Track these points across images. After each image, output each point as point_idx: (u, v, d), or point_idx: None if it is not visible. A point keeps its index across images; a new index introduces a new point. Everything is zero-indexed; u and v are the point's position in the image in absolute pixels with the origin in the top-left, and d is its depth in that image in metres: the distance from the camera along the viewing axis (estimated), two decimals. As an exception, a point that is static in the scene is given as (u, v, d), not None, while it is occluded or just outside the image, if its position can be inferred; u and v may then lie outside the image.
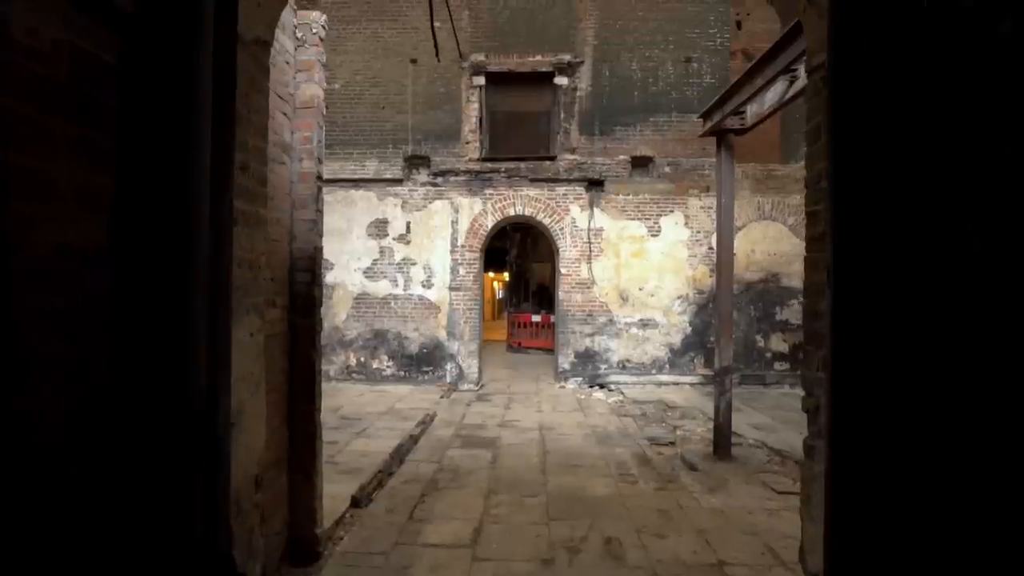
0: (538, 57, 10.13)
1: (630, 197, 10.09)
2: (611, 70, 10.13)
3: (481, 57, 10.09)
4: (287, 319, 3.73)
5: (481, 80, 10.14)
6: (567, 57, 10.09)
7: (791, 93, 4.99)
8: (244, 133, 1.87)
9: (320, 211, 3.93)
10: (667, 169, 10.05)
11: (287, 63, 3.73)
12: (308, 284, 3.82)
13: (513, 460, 5.78)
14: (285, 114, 3.71)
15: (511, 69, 10.18)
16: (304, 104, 3.85)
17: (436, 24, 10.06)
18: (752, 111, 5.77)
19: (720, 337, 6.03)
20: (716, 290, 6.22)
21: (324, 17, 3.96)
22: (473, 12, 10.20)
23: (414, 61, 10.12)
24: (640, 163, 10.15)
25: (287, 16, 3.75)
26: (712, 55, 10.12)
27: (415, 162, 10.14)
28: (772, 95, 5.35)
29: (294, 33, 3.84)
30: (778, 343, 9.93)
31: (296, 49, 3.86)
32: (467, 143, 10.19)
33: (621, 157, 10.08)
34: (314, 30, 3.86)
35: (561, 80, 10.16)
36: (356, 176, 10.03)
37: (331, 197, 9.98)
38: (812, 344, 1.93)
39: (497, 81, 10.30)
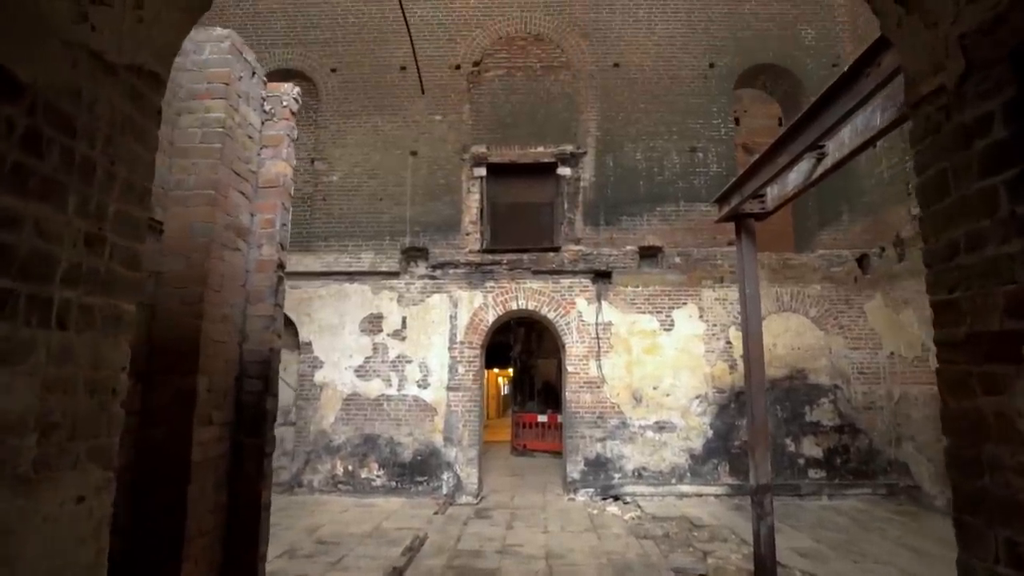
0: (540, 148, 9.98)
1: (639, 289, 9.53)
2: (615, 160, 9.93)
3: (482, 148, 9.94)
4: (229, 437, 3.00)
5: (482, 171, 9.93)
6: (569, 148, 9.93)
7: (819, 171, 4.51)
8: (101, 192, 1.28)
9: (279, 305, 3.30)
10: (677, 259, 9.55)
11: (249, 137, 3.27)
12: (259, 394, 3.12)
13: (515, 604, 4.76)
14: (243, 193, 3.19)
15: (513, 160, 9.99)
16: (268, 183, 3.35)
17: (436, 118, 10.08)
18: (774, 193, 5.30)
19: (755, 447, 5.19)
20: (747, 390, 5.45)
21: (297, 90, 3.55)
22: (475, 106, 10.19)
23: (414, 153, 9.97)
24: (648, 253, 9.68)
25: (254, 88, 3.34)
26: (717, 144, 9.94)
27: (413, 254, 9.72)
28: (796, 175, 4.88)
29: (262, 106, 3.41)
30: (811, 447, 8.94)
31: (263, 124, 3.42)
32: (467, 234, 9.81)
33: (628, 247, 9.63)
34: (285, 103, 3.44)
35: (564, 170, 9.94)
36: (351, 269, 9.57)
37: (324, 291, 9.53)
38: (978, 514, 1.20)
39: (498, 172, 10.10)
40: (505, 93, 10.27)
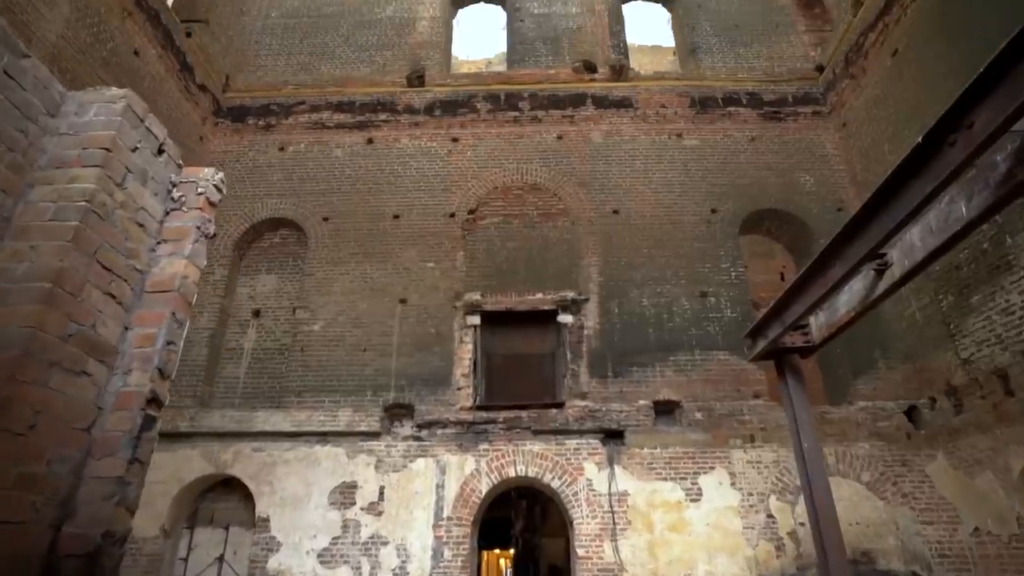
0: (539, 295, 9.30)
1: (657, 451, 8.19)
2: (620, 306, 9.19)
3: (476, 296, 9.26)
4: None
5: (476, 319, 9.14)
6: (571, 294, 9.25)
7: (882, 288, 3.62)
8: None
9: (141, 463, 2.19)
10: (698, 415, 8.35)
11: (140, 225, 2.42)
12: (76, 613, 1.89)
13: None
14: (114, 296, 2.26)
15: (509, 307, 9.26)
16: (158, 286, 2.43)
17: (429, 264, 9.57)
18: (819, 322, 4.37)
19: (850, 676, 3.62)
20: (823, 588, 3.98)
21: (220, 175, 2.80)
22: (469, 252, 9.73)
23: (403, 301, 9.28)
24: (664, 409, 8.51)
25: (158, 167, 2.58)
26: (729, 289, 9.28)
27: (397, 412, 8.55)
28: (848, 296, 3.99)
29: (169, 192, 2.63)
30: (896, 661, 6.93)
31: (168, 214, 2.61)
32: (459, 389, 8.72)
33: (642, 402, 8.49)
34: (201, 189, 2.66)
35: (565, 318, 9.15)
36: (325, 428, 8.33)
37: (291, 455, 8.23)
38: None
39: (494, 320, 9.31)
40: (501, 239, 9.88)
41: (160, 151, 2.58)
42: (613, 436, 8.33)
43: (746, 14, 12.15)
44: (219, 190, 2.76)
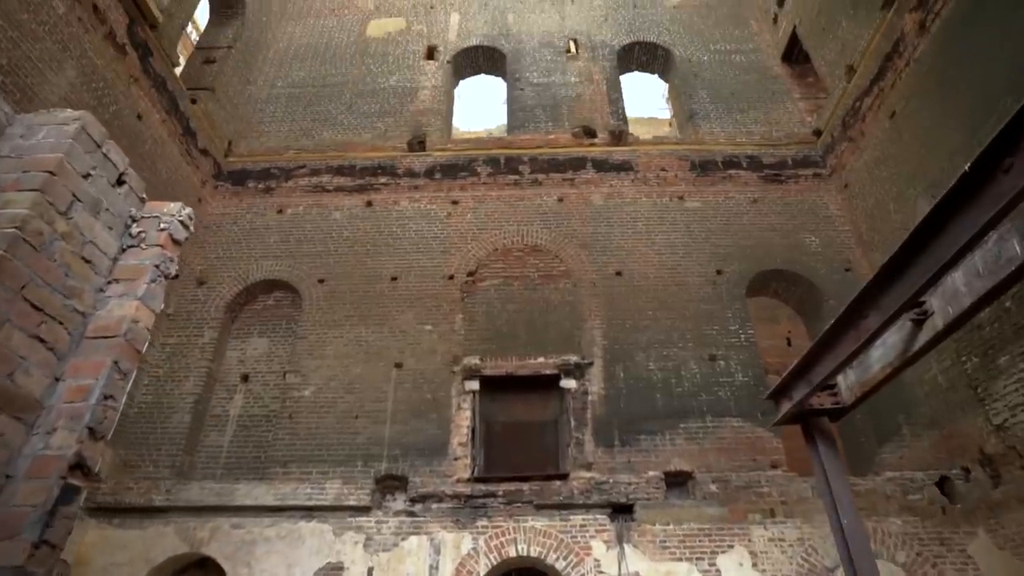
0: (540, 359, 8.90)
1: (670, 527, 7.54)
2: (626, 370, 8.77)
3: (475, 360, 8.86)
4: None
5: (475, 384, 8.70)
6: (574, 358, 8.84)
7: (923, 341, 3.27)
8: None
9: (52, 546, 1.77)
10: (713, 487, 7.75)
11: (86, 261, 2.12)
12: None
13: None
14: (43, 340, 1.92)
15: (510, 372, 8.84)
16: (101, 331, 2.10)
17: (426, 327, 9.24)
18: (850, 381, 3.98)
19: None
20: None
21: (188, 211, 2.52)
22: (467, 315, 9.41)
23: (399, 365, 8.87)
24: (676, 480, 7.92)
25: (115, 198, 2.31)
26: (739, 351, 8.89)
27: (389, 484, 7.95)
28: (883, 351, 3.62)
29: (127, 227, 2.35)
30: None
31: (125, 250, 2.31)
32: (456, 459, 8.16)
33: (651, 473, 7.90)
34: (163, 225, 2.37)
35: (569, 383, 8.71)
36: (311, 502, 7.71)
37: (273, 531, 7.58)
38: None
39: (494, 386, 8.86)
40: (501, 302, 9.58)
41: (120, 182, 2.31)
42: (622, 511, 7.69)
43: (742, 83, 12.41)
44: (185, 227, 2.46)
